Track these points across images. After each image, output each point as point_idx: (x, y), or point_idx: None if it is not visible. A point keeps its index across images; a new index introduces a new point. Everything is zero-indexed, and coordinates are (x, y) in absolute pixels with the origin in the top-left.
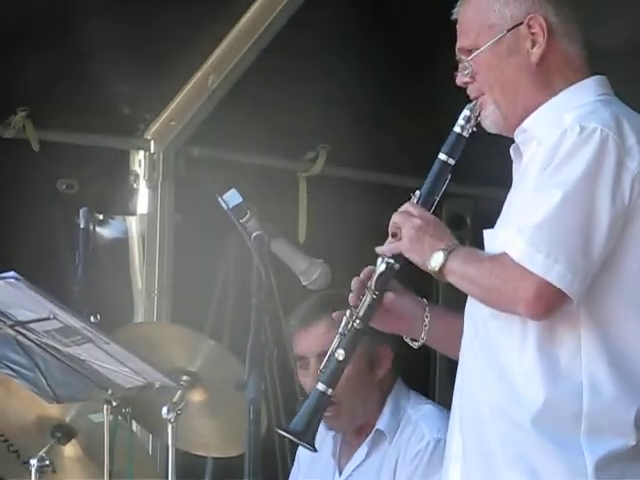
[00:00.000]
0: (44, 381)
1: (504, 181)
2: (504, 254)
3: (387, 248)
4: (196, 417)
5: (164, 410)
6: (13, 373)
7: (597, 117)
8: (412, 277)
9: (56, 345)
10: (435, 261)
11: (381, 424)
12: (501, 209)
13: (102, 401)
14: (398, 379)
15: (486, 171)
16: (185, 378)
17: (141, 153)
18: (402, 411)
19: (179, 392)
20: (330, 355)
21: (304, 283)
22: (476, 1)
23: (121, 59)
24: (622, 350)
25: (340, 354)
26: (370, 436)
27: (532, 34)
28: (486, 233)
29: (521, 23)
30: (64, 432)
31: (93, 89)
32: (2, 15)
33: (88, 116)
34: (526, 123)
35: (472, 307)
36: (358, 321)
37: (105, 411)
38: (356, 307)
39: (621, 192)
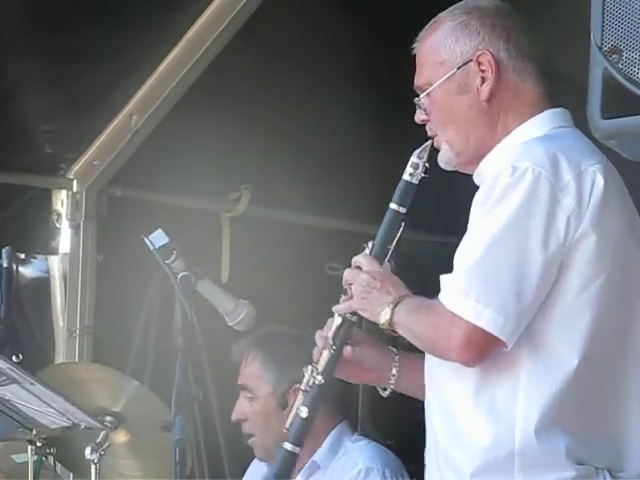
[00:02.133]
0: None
1: (426, 225)
2: (437, 302)
3: (340, 308)
4: (120, 458)
5: (87, 451)
6: None
7: (530, 156)
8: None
9: None
10: (383, 317)
11: (317, 457)
12: (423, 251)
13: (26, 441)
14: (343, 421)
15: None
16: (109, 419)
17: (63, 192)
18: (342, 447)
19: (103, 433)
20: (295, 414)
21: (230, 324)
22: (430, 38)
23: (44, 98)
24: (558, 385)
25: (303, 411)
26: (305, 467)
27: (482, 71)
28: (442, 279)
29: (470, 60)
30: None
31: (15, 128)
32: None
33: (10, 154)
34: (480, 167)
35: (426, 356)
36: (319, 377)
37: (29, 451)
38: (317, 363)
39: (556, 231)
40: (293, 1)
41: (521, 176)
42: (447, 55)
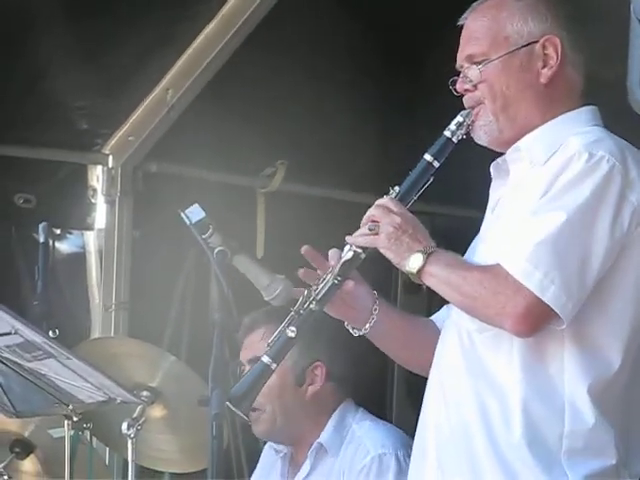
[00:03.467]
0: (4, 396)
1: (461, 199)
2: (497, 266)
3: (361, 240)
4: (156, 433)
5: (124, 426)
6: None
7: (604, 146)
8: (372, 267)
9: (17, 360)
10: (413, 263)
11: (322, 438)
12: (457, 226)
13: (62, 416)
14: (347, 399)
15: (443, 189)
16: (145, 394)
17: (99, 168)
18: (347, 427)
19: (139, 407)
20: (281, 331)
21: (266, 298)
22: (491, 12)
23: (79, 73)
24: (601, 376)
25: (292, 331)
26: (311, 450)
27: (545, 55)
28: (481, 247)
29: (537, 42)
30: (23, 447)
31: (51, 104)
32: None
33: (46, 131)
34: (521, 143)
35: (458, 316)
36: (315, 302)
37: (66, 426)
38: (315, 287)
39: (621, 222)
40: None
41: (597, 164)
42: (513, 32)
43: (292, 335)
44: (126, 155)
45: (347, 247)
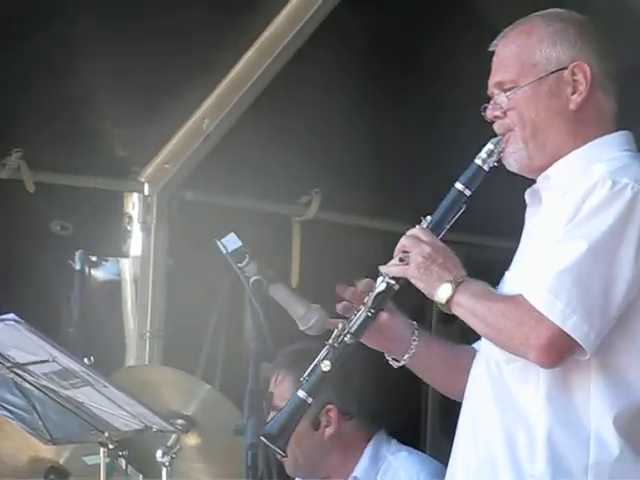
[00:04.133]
0: (41, 423)
1: (497, 230)
2: (520, 296)
3: (393, 270)
4: (190, 461)
5: (159, 454)
6: (10, 414)
7: (629, 172)
8: (407, 297)
9: (54, 387)
10: (443, 293)
11: (358, 471)
12: (494, 257)
13: (98, 444)
14: (379, 430)
15: (480, 220)
16: (180, 422)
17: (135, 195)
18: (382, 458)
19: (174, 436)
20: (315, 365)
21: (302, 328)
22: (521, 38)
23: (117, 101)
24: (628, 406)
25: (326, 365)
26: None
27: (574, 81)
28: (507, 275)
29: (565, 68)
30: (58, 474)
31: (88, 131)
32: None
33: (83, 158)
34: (551, 170)
35: (487, 347)
36: (349, 336)
37: (101, 454)
38: (349, 320)
39: None
40: (362, 9)
41: (621, 191)
42: (542, 58)
43: (326, 369)
44: (162, 183)
45: (380, 278)
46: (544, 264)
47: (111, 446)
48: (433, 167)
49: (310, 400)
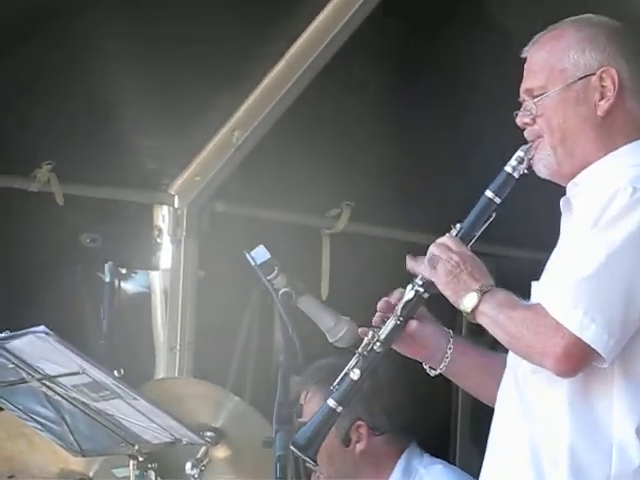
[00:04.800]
0: (70, 435)
1: (526, 241)
2: (539, 305)
3: (422, 269)
4: (220, 473)
5: (188, 466)
6: (40, 426)
7: None
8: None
9: (84, 399)
10: (468, 302)
11: None
12: (523, 269)
13: (127, 456)
14: (411, 443)
15: (508, 231)
16: (209, 434)
17: (165, 208)
18: (414, 472)
19: (203, 448)
20: (345, 373)
21: (331, 340)
22: (550, 44)
23: (147, 114)
24: None
25: (355, 374)
26: None
27: (602, 87)
28: (534, 285)
29: (593, 74)
30: None
31: (118, 143)
32: (28, 70)
33: (112, 170)
34: (579, 178)
35: (512, 357)
36: (378, 344)
37: (131, 466)
38: (379, 329)
39: None
40: (396, 19)
41: None
42: (570, 64)
43: (356, 377)
44: (192, 195)
45: (409, 287)
46: (564, 272)
47: (141, 459)
48: (463, 177)
49: (340, 409)
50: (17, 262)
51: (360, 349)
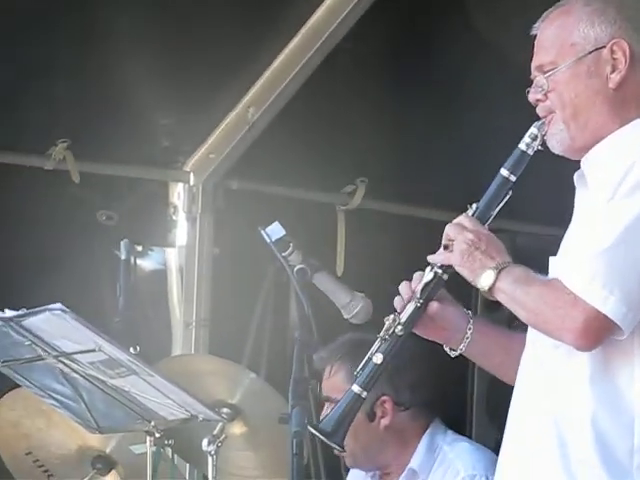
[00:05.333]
0: (87, 412)
1: (543, 217)
2: (556, 280)
3: (438, 258)
4: (236, 450)
5: (204, 442)
6: (57, 403)
7: None
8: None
9: (100, 376)
10: (485, 280)
11: (414, 462)
12: (540, 245)
13: (144, 433)
14: (434, 419)
15: (525, 207)
16: (225, 411)
17: (180, 185)
18: (438, 449)
19: (219, 425)
20: (368, 358)
21: (346, 316)
22: (560, 19)
23: (161, 91)
24: None
25: (378, 358)
26: (403, 475)
27: (614, 59)
28: (551, 260)
29: (604, 47)
30: (104, 463)
31: (133, 121)
32: (45, 48)
33: (128, 148)
34: (592, 152)
35: (533, 333)
36: (400, 327)
37: (148, 443)
38: (400, 313)
39: None
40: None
41: None
42: (580, 38)
43: (379, 361)
44: (207, 172)
45: (428, 268)
46: (581, 247)
47: (157, 435)
48: (479, 153)
49: (365, 394)
50: (33, 240)
51: (382, 333)
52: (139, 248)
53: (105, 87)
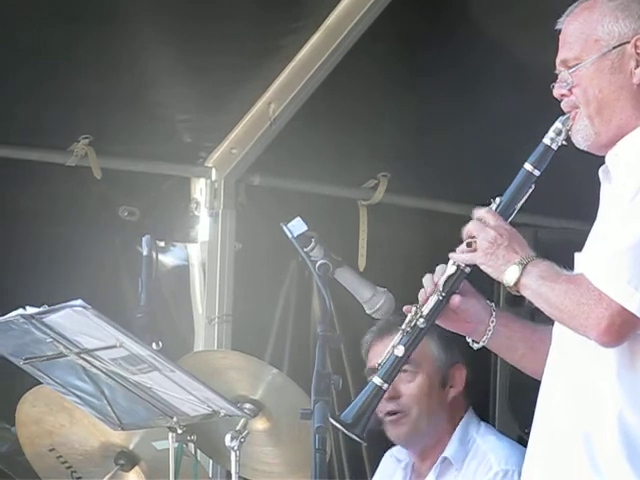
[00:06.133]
0: (109, 408)
1: (564, 212)
2: (581, 276)
3: (461, 258)
4: (259, 445)
5: (227, 438)
6: (79, 400)
7: None
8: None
9: (122, 373)
10: (510, 276)
11: (448, 452)
12: (562, 239)
13: (167, 429)
14: (469, 408)
15: (547, 201)
16: (248, 406)
17: (202, 181)
18: (471, 440)
19: (242, 420)
20: (390, 351)
21: (368, 312)
22: (584, 15)
23: (183, 87)
24: None
25: (400, 350)
26: (437, 463)
27: (638, 54)
28: (577, 256)
29: (628, 42)
30: (128, 459)
31: (155, 117)
32: (66, 44)
33: (150, 144)
34: (617, 148)
35: (559, 329)
36: (422, 320)
37: (170, 438)
38: (422, 305)
39: None
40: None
41: None
42: (604, 33)
43: (400, 354)
44: (229, 168)
45: (450, 261)
46: (606, 243)
47: (180, 431)
48: (501, 147)
49: (386, 386)
50: (55, 236)
51: (404, 325)
52: (161, 244)
53: (126, 83)
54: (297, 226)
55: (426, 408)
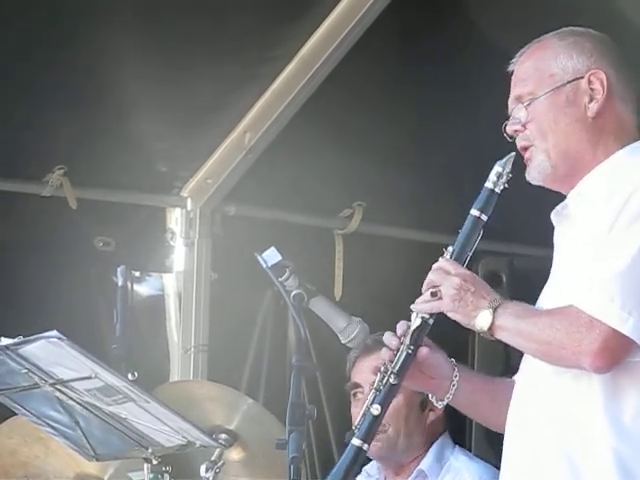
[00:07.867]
0: (84, 439)
1: (540, 239)
2: (566, 307)
3: (427, 307)
4: (234, 475)
5: (203, 469)
6: (54, 431)
7: None
8: (447, 332)
9: (97, 404)
10: (482, 321)
11: (424, 465)
12: (537, 267)
13: (142, 460)
14: (446, 432)
15: (522, 229)
16: (223, 436)
17: (177, 211)
18: (445, 459)
19: (217, 450)
20: (366, 411)
21: (343, 341)
22: (537, 53)
23: (158, 117)
24: None
25: (376, 409)
26: (412, 476)
27: (591, 89)
28: (541, 297)
29: (582, 77)
30: None
31: (130, 147)
32: (40, 75)
33: (125, 174)
34: (581, 186)
35: (528, 364)
36: (393, 376)
37: (145, 469)
38: (391, 362)
39: None
40: (404, 20)
41: None
42: (558, 69)
43: (377, 413)
44: (204, 198)
45: (414, 314)
46: (592, 272)
47: (155, 462)
48: (475, 178)
49: (365, 446)
50: (30, 266)
51: (375, 384)
52: (136, 274)
53: (101, 113)
54: (271, 256)
55: (403, 427)
